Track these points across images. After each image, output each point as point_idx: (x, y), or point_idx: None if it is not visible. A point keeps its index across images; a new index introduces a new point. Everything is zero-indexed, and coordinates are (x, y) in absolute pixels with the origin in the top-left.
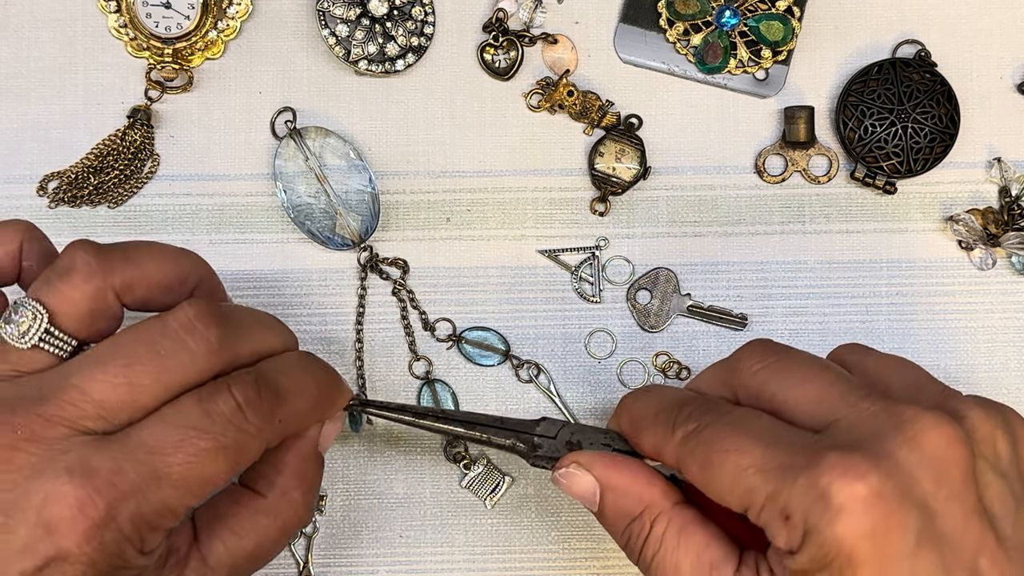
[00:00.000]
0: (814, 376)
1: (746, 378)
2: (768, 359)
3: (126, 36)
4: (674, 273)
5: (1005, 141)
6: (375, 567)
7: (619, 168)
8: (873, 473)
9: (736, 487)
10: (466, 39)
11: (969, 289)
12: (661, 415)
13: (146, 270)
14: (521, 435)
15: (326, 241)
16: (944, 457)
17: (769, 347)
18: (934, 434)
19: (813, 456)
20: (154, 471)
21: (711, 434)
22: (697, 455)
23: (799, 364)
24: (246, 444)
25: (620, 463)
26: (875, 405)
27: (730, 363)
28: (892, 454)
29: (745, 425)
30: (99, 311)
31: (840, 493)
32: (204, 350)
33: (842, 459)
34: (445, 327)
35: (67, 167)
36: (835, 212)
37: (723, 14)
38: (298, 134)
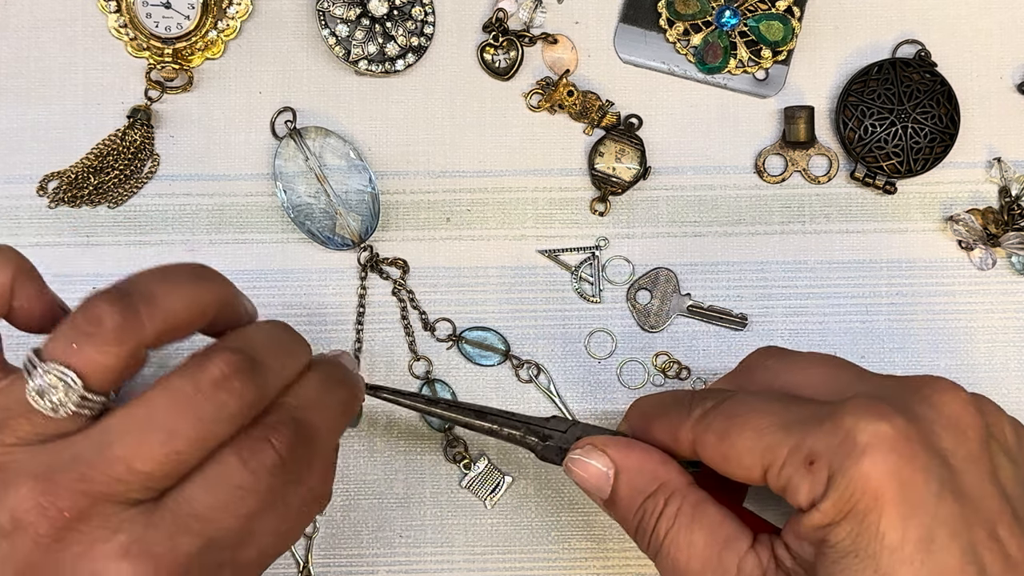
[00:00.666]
0: (824, 362)
1: (758, 374)
2: (779, 356)
3: (126, 36)
4: (674, 273)
5: (1005, 141)
6: (375, 567)
7: (619, 168)
8: (899, 417)
9: (757, 446)
10: (466, 39)
11: (969, 289)
12: (675, 403)
13: (173, 314)
14: (531, 427)
15: (326, 241)
16: (961, 420)
17: (778, 349)
18: (950, 397)
19: (836, 406)
20: (209, 540)
21: (731, 404)
22: (715, 426)
23: (807, 355)
24: (288, 491)
25: (634, 445)
26: (889, 379)
27: (740, 368)
28: (912, 408)
29: (760, 400)
30: (131, 368)
31: (866, 431)
32: (243, 405)
33: (867, 403)
34: (445, 327)
35: (67, 167)
36: (835, 212)
37: (723, 14)
38: (298, 134)
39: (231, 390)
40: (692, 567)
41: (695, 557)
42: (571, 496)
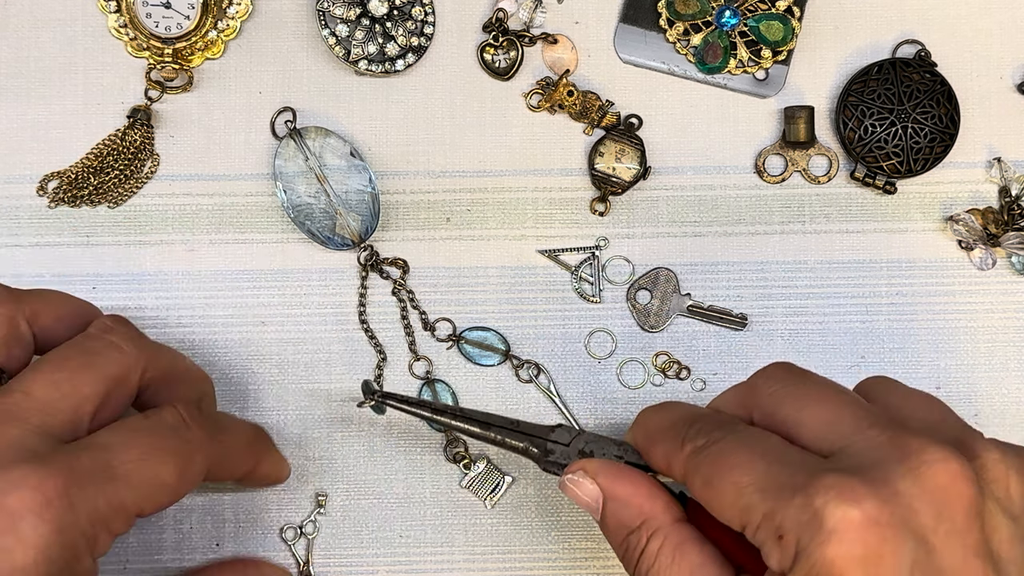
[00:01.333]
0: (829, 399)
1: (763, 398)
2: (786, 381)
3: (126, 36)
4: (674, 273)
5: (1005, 141)
6: (375, 567)
7: (619, 168)
8: (869, 498)
9: (736, 504)
10: (466, 39)
11: (969, 289)
12: (672, 429)
13: (51, 301)
14: (535, 439)
15: (326, 241)
16: (947, 492)
17: (789, 370)
18: (939, 467)
19: (811, 478)
20: (108, 465)
21: (717, 450)
22: (702, 470)
23: (816, 387)
24: (190, 454)
25: (625, 474)
26: (884, 434)
27: (748, 383)
28: (893, 482)
29: (752, 443)
30: (12, 337)
31: (833, 515)
32: (129, 346)
33: (839, 481)
34: (445, 327)
35: (67, 167)
36: (835, 212)
37: (723, 14)
38: (298, 134)
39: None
40: None
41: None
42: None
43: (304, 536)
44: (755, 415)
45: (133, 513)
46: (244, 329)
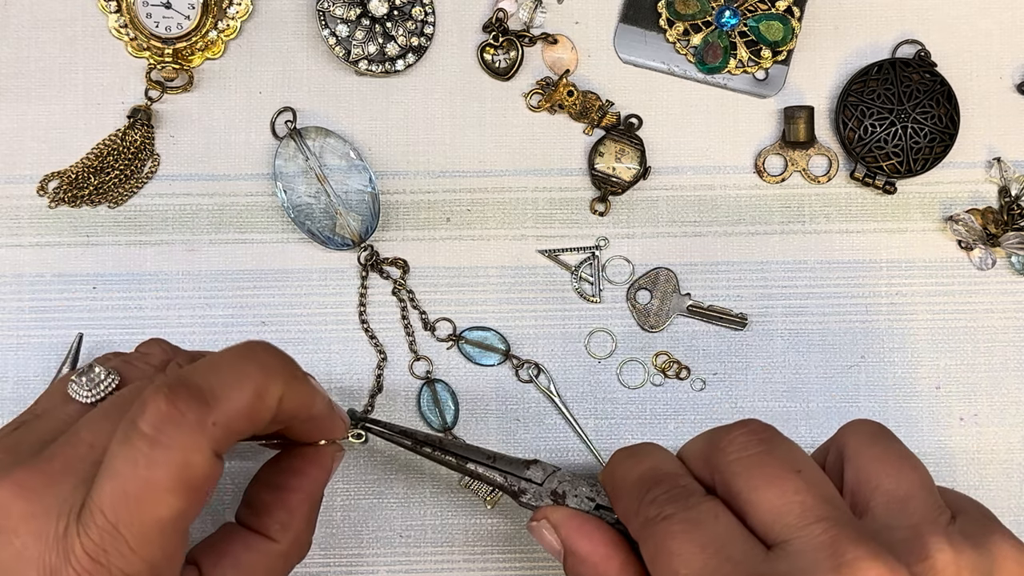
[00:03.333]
0: (780, 482)
1: (722, 464)
2: (747, 450)
3: (126, 36)
4: (674, 273)
5: (1005, 141)
6: (375, 567)
7: (619, 168)
8: None
9: None
10: (466, 39)
11: (969, 289)
12: (632, 489)
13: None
14: (510, 476)
15: (326, 241)
16: None
17: (750, 436)
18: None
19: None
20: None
21: (663, 530)
22: (648, 546)
23: (770, 464)
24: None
25: (586, 528)
26: (826, 534)
27: (713, 440)
28: None
29: (697, 529)
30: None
31: None
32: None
33: None
34: (445, 327)
35: (67, 167)
36: (835, 212)
37: (723, 14)
38: (298, 134)
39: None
40: None
41: None
42: None
43: None
44: (716, 477)
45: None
46: (244, 329)
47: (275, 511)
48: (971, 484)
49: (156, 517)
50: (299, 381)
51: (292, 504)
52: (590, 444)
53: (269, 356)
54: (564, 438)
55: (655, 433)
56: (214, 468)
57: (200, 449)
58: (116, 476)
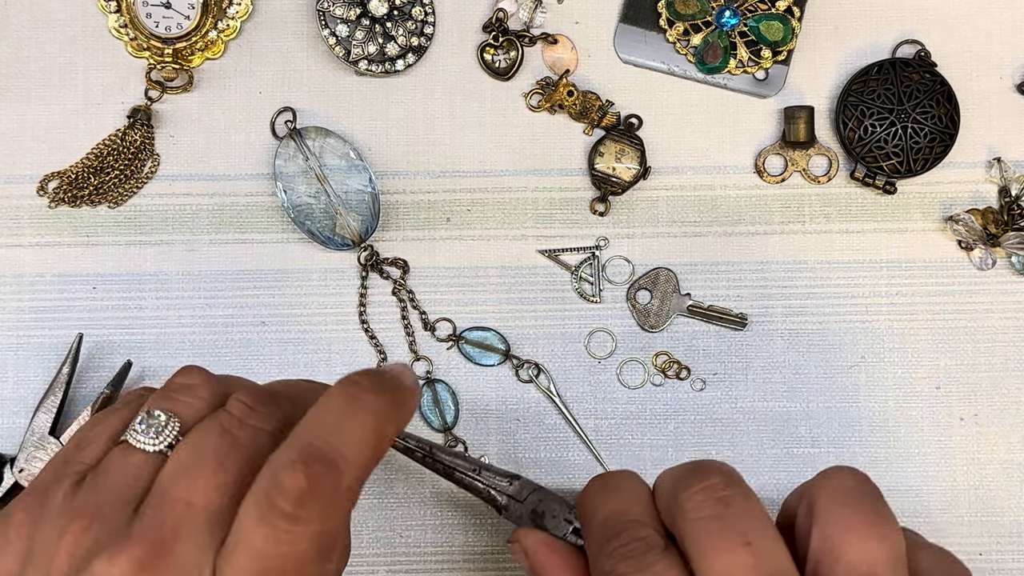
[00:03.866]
0: (730, 555)
1: (678, 522)
2: (702, 511)
3: (126, 36)
4: (674, 273)
5: (1005, 141)
6: (375, 567)
7: (619, 168)
8: None
9: None
10: (466, 39)
11: (969, 289)
12: (597, 532)
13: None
14: (492, 490)
15: (326, 241)
16: None
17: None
18: None
19: None
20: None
21: None
22: None
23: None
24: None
25: (556, 556)
26: None
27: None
28: None
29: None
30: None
31: None
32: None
33: None
34: (445, 327)
35: (67, 167)
36: (835, 212)
37: (723, 14)
38: (298, 134)
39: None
40: None
41: None
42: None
43: None
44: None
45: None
46: (244, 329)
47: None
48: (971, 484)
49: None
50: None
51: None
52: (590, 444)
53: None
54: (564, 438)
55: (655, 433)
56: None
57: (338, 517)
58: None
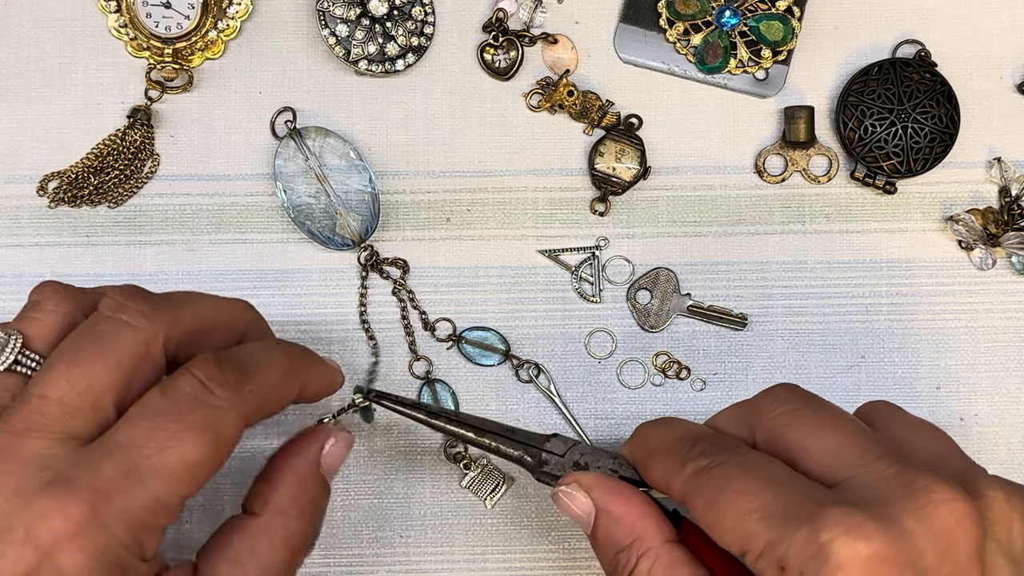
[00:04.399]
0: (835, 427)
1: (767, 420)
2: (791, 404)
3: (126, 36)
4: (674, 273)
5: (1005, 141)
6: (375, 567)
7: (619, 168)
8: (877, 536)
9: (737, 530)
10: (466, 39)
11: (969, 289)
12: (674, 447)
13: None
14: (529, 448)
15: (326, 241)
16: (952, 533)
17: (794, 392)
18: (945, 508)
19: (818, 509)
20: (133, 466)
21: (721, 473)
22: (704, 492)
23: (821, 413)
24: (219, 419)
25: (619, 490)
26: (891, 468)
27: (752, 403)
28: (899, 521)
29: (756, 468)
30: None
31: (841, 551)
32: (141, 320)
33: (847, 516)
34: (445, 327)
35: (67, 167)
36: (835, 212)
37: (723, 14)
38: (298, 134)
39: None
40: None
41: None
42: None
43: None
44: (758, 437)
45: (174, 504)
46: None
47: (258, 484)
48: None
49: (182, 454)
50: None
51: (273, 477)
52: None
53: (293, 348)
54: None
55: None
56: (237, 432)
57: (234, 409)
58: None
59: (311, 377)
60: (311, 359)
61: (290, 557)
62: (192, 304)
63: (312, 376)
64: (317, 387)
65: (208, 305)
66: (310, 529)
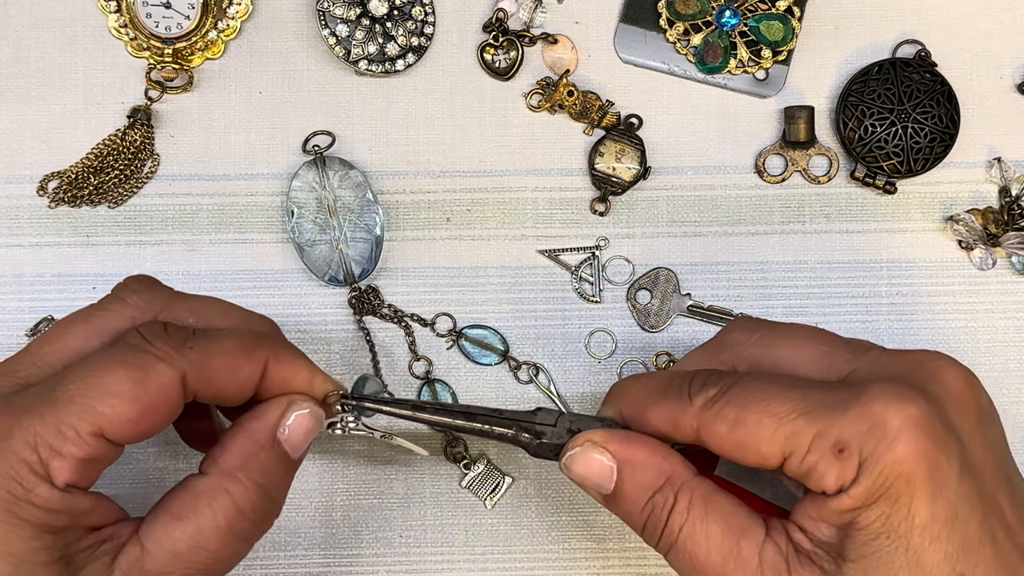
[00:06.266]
0: (812, 336)
1: (744, 349)
2: (759, 331)
3: (126, 36)
4: (674, 273)
5: (1005, 141)
6: (375, 567)
7: (619, 168)
8: (921, 398)
9: (777, 435)
10: (466, 39)
11: (969, 289)
12: (671, 388)
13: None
14: (522, 424)
15: (321, 275)
16: (963, 393)
17: (754, 321)
18: (951, 372)
19: (858, 390)
20: (50, 393)
21: (740, 391)
22: (726, 415)
23: (790, 330)
24: (149, 364)
25: (635, 438)
26: (883, 354)
27: (718, 341)
28: (926, 388)
29: (770, 381)
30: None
31: (896, 417)
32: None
33: (890, 387)
34: (445, 322)
35: (67, 167)
36: (835, 212)
37: (723, 14)
38: (323, 161)
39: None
40: (712, 560)
41: (714, 550)
42: (571, 496)
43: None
44: (739, 368)
45: (92, 430)
46: None
47: (213, 449)
48: None
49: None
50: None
51: (227, 439)
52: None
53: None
54: None
55: None
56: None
57: (169, 360)
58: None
59: (278, 363)
60: (282, 344)
61: (234, 522)
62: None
63: (280, 363)
64: (284, 376)
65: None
66: (260, 497)
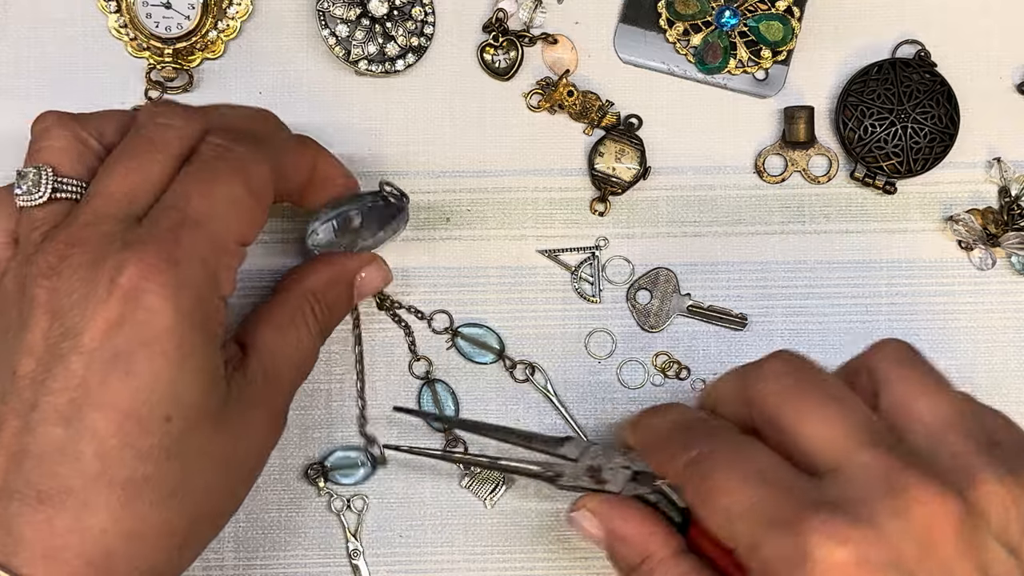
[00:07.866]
0: (824, 409)
1: (759, 399)
2: (783, 381)
3: (126, 36)
4: (674, 273)
5: (1005, 141)
6: (375, 567)
7: (619, 168)
8: (857, 539)
9: (724, 527)
10: (466, 39)
11: (969, 289)
12: (668, 436)
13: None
14: (545, 463)
15: None
16: (932, 531)
17: (789, 364)
18: (927, 508)
19: (800, 512)
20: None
21: (708, 467)
22: (694, 486)
23: (814, 391)
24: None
25: (625, 511)
26: (877, 459)
27: (749, 376)
28: (879, 521)
29: (743, 460)
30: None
31: (821, 557)
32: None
33: (827, 520)
34: (442, 319)
35: None
36: (835, 212)
37: (723, 14)
38: None
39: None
40: None
41: None
42: (571, 496)
43: (353, 511)
44: (753, 414)
45: (236, 240)
46: None
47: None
48: None
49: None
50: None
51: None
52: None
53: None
54: None
55: None
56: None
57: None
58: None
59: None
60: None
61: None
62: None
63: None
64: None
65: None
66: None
